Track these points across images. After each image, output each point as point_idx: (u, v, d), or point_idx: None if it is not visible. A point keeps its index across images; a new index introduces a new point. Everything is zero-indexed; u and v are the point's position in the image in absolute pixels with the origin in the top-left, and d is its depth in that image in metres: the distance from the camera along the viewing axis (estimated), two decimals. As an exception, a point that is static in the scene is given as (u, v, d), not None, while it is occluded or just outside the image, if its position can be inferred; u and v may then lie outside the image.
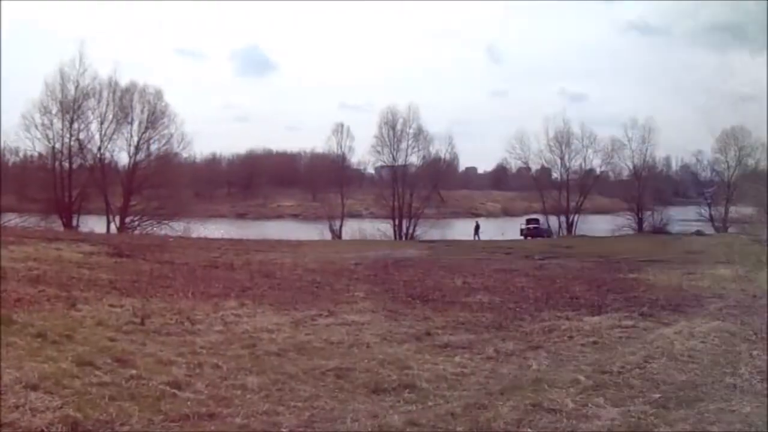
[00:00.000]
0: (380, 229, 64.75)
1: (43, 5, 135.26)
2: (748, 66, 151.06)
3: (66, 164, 58.10)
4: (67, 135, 57.77)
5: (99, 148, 59.68)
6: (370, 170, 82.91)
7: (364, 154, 77.96)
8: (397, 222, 66.41)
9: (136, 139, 59.88)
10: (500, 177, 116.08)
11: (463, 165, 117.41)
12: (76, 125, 58.13)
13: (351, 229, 65.78)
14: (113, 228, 56.53)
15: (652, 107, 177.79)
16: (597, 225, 71.89)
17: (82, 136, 58.99)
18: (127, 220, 57.94)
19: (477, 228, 61.57)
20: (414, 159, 70.33)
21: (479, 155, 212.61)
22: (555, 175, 75.47)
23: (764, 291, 19.31)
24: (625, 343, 11.99)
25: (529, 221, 66.50)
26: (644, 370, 9.81)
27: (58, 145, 57.78)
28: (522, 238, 59.73)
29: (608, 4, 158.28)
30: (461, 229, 68.38)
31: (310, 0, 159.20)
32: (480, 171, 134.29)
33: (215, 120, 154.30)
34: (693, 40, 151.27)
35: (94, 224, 56.10)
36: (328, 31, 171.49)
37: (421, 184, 68.24)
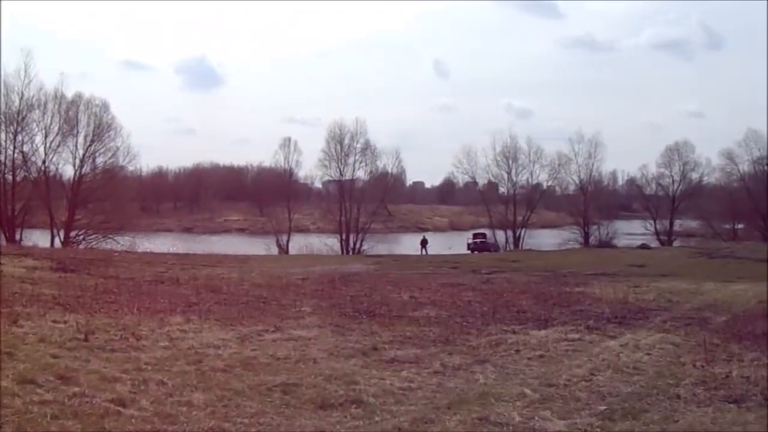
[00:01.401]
0: (327, 243, 64.78)
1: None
2: (692, 82, 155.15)
3: (9, 177, 57.19)
4: (11, 147, 57.04)
5: (43, 161, 58.94)
6: (318, 185, 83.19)
7: (311, 168, 78.21)
8: (344, 237, 66.59)
9: (81, 151, 59.26)
10: (447, 191, 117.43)
11: (410, 179, 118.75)
12: (20, 137, 57.45)
13: (298, 243, 65.72)
14: (57, 242, 55.72)
15: (598, 122, 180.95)
16: (544, 239, 72.73)
17: (26, 148, 58.31)
18: (72, 234, 57.11)
19: (424, 242, 61.85)
20: (361, 173, 70.99)
21: (426, 170, 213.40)
22: (502, 189, 76.60)
23: (707, 303, 19.75)
24: (572, 356, 12.10)
25: (476, 236, 66.83)
26: (590, 382, 9.92)
27: (1, 158, 56.95)
28: (469, 252, 59.99)
29: (555, 20, 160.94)
30: (408, 244, 68.75)
31: (257, 13, 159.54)
32: (427, 185, 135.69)
33: (162, 133, 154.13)
34: (638, 57, 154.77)
35: (38, 238, 55.41)
36: (275, 45, 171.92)
37: (368, 198, 68.53)
